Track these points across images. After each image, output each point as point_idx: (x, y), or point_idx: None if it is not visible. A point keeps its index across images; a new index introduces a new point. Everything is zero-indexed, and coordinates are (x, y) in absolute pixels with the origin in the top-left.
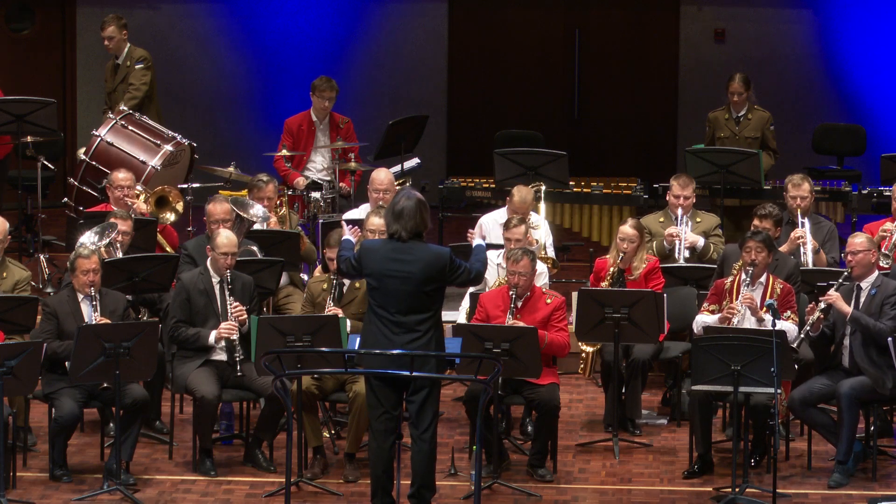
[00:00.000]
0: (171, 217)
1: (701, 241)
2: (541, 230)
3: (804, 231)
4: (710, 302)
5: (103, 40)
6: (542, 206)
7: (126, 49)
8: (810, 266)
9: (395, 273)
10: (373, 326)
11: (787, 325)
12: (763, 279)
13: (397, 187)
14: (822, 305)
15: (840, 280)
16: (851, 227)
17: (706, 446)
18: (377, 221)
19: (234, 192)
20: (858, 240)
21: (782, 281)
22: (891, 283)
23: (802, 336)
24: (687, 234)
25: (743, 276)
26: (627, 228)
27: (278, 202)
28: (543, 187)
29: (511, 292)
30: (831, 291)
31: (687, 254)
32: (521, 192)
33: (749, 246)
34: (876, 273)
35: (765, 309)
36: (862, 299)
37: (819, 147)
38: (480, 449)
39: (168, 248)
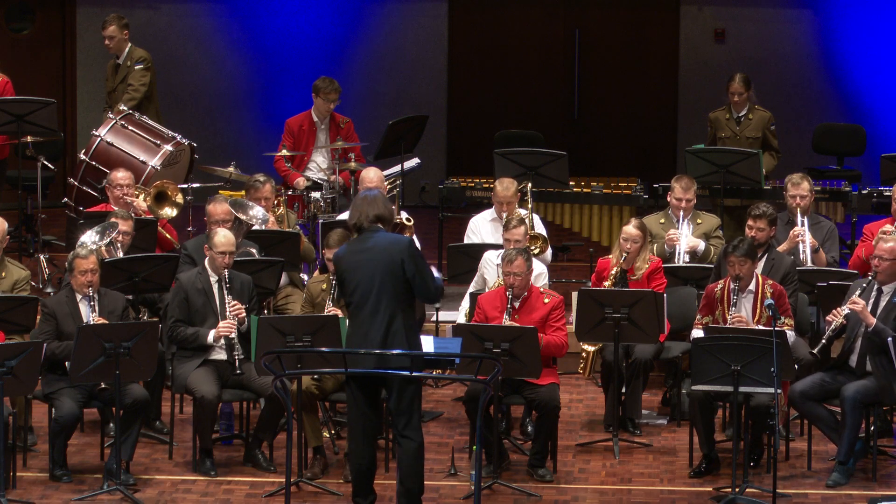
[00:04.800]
0: (171, 212)
1: (702, 246)
2: (529, 219)
3: (803, 229)
4: (703, 313)
5: (104, 40)
6: (530, 204)
7: (127, 49)
8: (809, 265)
9: (359, 264)
10: (350, 328)
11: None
12: (752, 286)
13: (387, 185)
14: (847, 311)
15: (864, 284)
16: (851, 227)
17: (710, 446)
18: None
19: (233, 192)
20: (888, 245)
21: (773, 282)
22: None
23: (824, 340)
24: (688, 238)
25: (732, 286)
26: (631, 229)
27: (276, 202)
28: (530, 185)
29: (507, 293)
30: (857, 297)
31: (687, 258)
32: (502, 182)
33: (731, 261)
34: None
35: (761, 313)
36: (881, 304)
37: (819, 147)
38: (480, 449)
39: (171, 240)
